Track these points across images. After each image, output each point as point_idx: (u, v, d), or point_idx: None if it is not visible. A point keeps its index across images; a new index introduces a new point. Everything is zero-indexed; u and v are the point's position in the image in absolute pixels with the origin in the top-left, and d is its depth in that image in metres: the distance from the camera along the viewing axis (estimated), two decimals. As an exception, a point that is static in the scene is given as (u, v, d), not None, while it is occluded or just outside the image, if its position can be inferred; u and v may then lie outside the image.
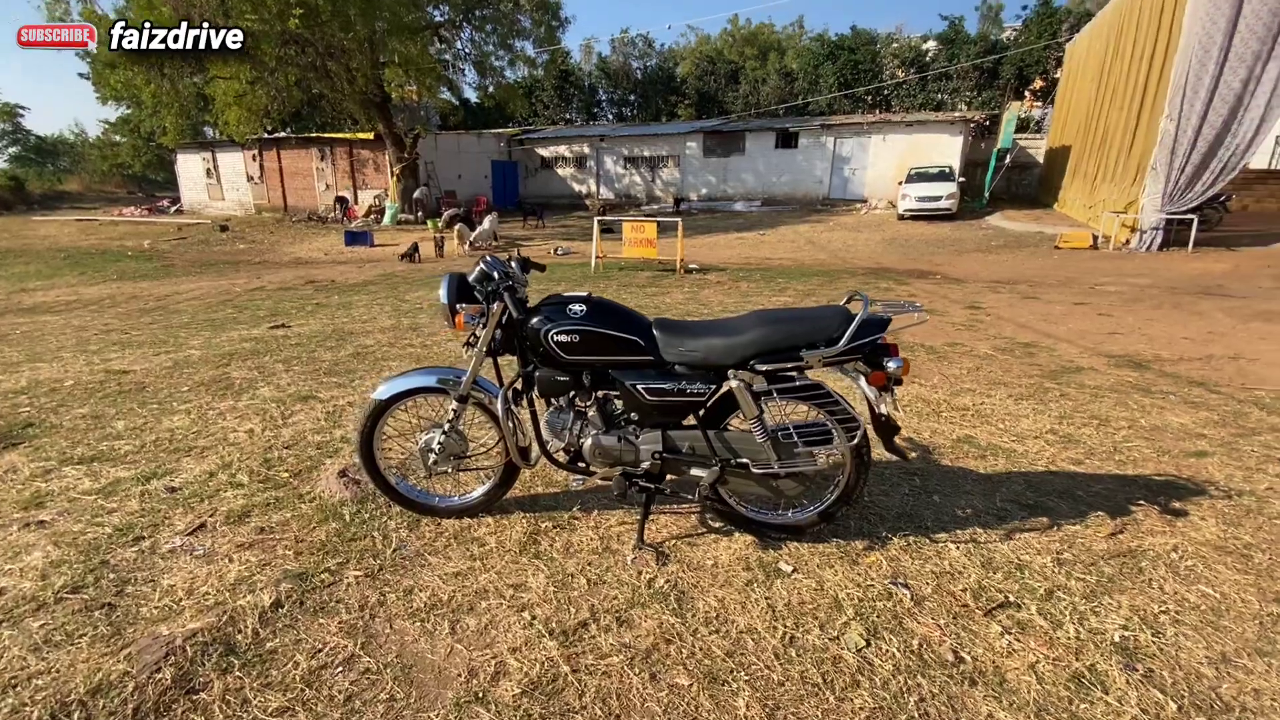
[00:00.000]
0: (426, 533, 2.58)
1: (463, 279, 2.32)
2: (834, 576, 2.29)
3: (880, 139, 23.07)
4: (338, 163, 25.40)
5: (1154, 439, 3.59)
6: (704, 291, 9.03)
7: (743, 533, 2.55)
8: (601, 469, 2.41)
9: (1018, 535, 2.57)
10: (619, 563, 2.37)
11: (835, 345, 2.11)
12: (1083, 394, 4.39)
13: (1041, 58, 25.17)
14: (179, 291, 10.75)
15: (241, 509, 2.78)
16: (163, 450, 3.53)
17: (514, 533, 2.56)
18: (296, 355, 5.56)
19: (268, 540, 2.53)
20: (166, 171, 36.27)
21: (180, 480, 3.12)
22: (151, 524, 2.69)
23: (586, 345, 2.23)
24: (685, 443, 2.34)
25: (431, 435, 2.53)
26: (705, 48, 36.35)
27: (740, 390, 2.20)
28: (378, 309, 8.03)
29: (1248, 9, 11.24)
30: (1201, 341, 5.93)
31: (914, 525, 2.64)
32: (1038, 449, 3.43)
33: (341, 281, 11.23)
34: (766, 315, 2.23)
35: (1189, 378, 4.80)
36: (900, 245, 15.06)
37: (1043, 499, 2.87)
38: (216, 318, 7.97)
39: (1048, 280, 9.90)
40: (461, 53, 22.29)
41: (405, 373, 2.56)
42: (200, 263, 15.36)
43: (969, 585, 2.25)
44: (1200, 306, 7.65)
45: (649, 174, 27.00)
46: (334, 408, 4.15)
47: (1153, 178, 12.69)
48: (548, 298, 2.35)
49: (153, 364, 5.40)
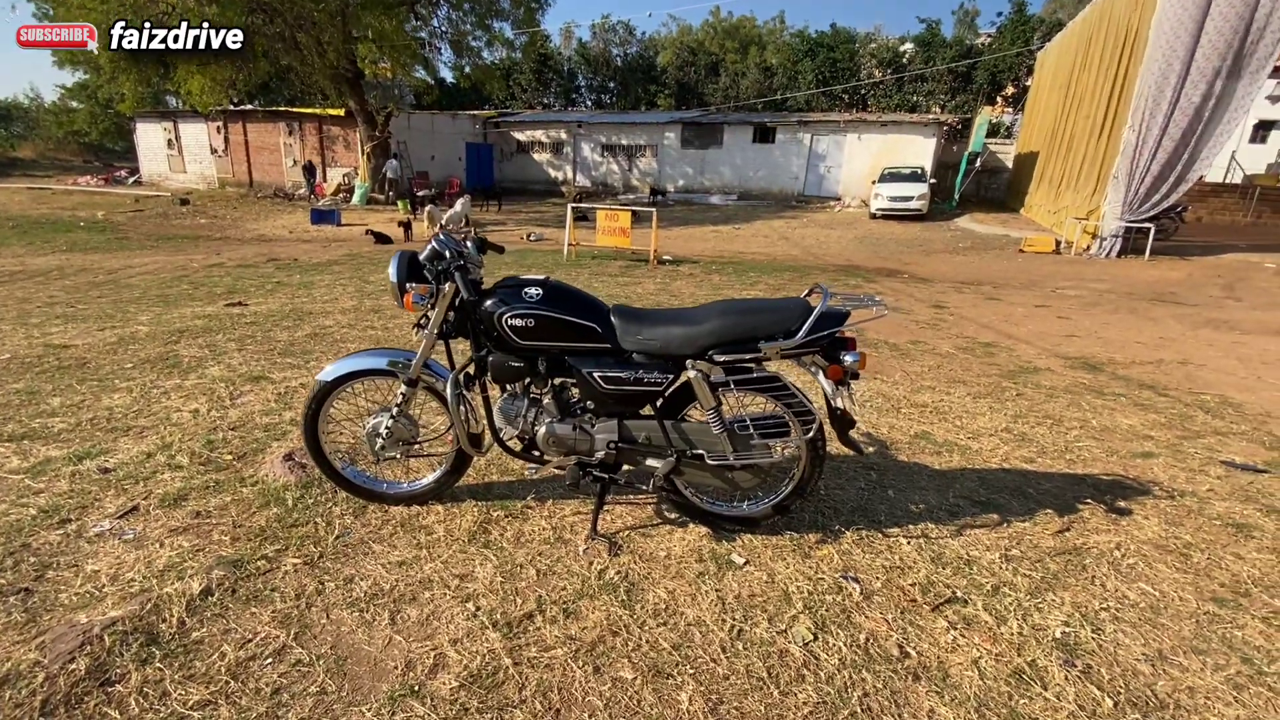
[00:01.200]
0: (373, 520, 2.50)
1: (414, 257, 2.23)
2: (785, 569, 2.28)
3: (856, 138, 23.25)
4: (306, 138, 24.64)
5: (1104, 439, 3.68)
6: (676, 283, 8.99)
7: (697, 524, 2.52)
8: (556, 458, 2.36)
9: (968, 531, 2.60)
10: (570, 553, 2.33)
11: (793, 337, 2.09)
12: (1038, 394, 4.48)
13: (1014, 64, 25.64)
14: (132, 265, 10.31)
15: (178, 492, 2.66)
16: (99, 429, 3.37)
17: (464, 521, 2.50)
18: (251, 334, 5.36)
19: (203, 525, 2.42)
20: (125, 141, 34.81)
21: (115, 461, 2.97)
22: (80, 506, 2.56)
23: (542, 330, 2.17)
24: (641, 433, 2.30)
25: (380, 419, 2.44)
26: (686, 38, 36.14)
27: (698, 381, 2.17)
28: (340, 289, 7.81)
29: (1210, 26, 11.56)
30: (1153, 346, 6.11)
31: (868, 519, 2.65)
32: (992, 446, 3.48)
33: (305, 260, 10.91)
34: (727, 306, 2.19)
35: (1140, 381, 4.93)
36: (871, 244, 15.23)
37: (994, 496, 2.91)
38: (170, 293, 7.66)
39: (1011, 283, 10.11)
40: (438, 30, 21.76)
41: (353, 354, 2.47)
42: (157, 236, 14.76)
43: (918, 580, 2.26)
44: (1154, 313, 7.89)
45: (626, 163, 26.81)
46: (286, 389, 4.01)
47: (1114, 186, 13.04)
48: (504, 280, 2.28)
49: (96, 339, 5.16)
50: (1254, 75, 11.51)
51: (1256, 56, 11.39)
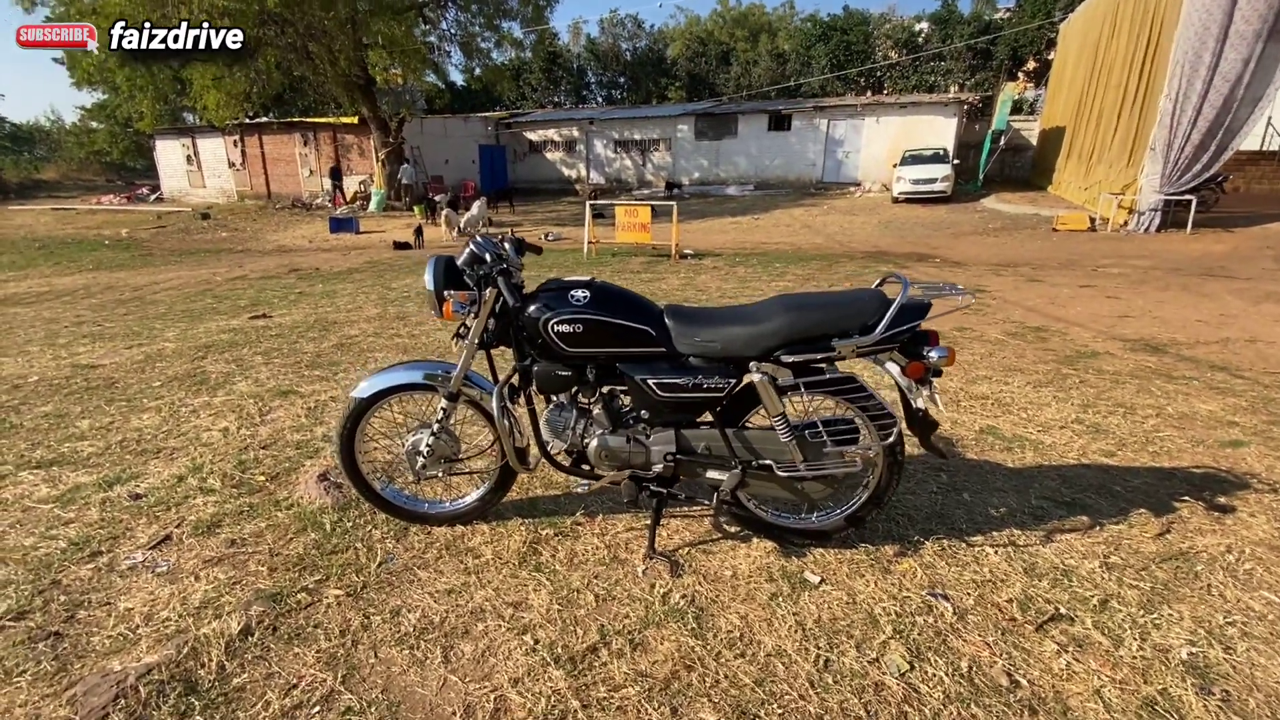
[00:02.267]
0: (415, 543, 2.35)
1: (450, 262, 2.06)
2: (866, 588, 2.08)
3: (874, 121, 22.75)
4: (321, 148, 24.76)
5: (1185, 428, 3.41)
6: (700, 277, 8.78)
7: (762, 539, 2.33)
8: (608, 472, 2.18)
9: (1059, 537, 2.37)
10: (629, 575, 2.15)
11: (871, 333, 1.89)
12: (1103, 380, 4.21)
13: (1035, 38, 24.87)
14: (157, 281, 10.37)
15: (211, 518, 2.54)
16: (129, 452, 3.27)
17: (512, 542, 2.33)
18: (277, 347, 5.27)
19: (239, 555, 2.29)
20: (146, 159, 35.31)
21: (146, 486, 2.87)
22: (111, 536, 2.44)
23: (591, 336, 1.99)
24: (701, 443, 2.12)
25: (419, 436, 2.29)
26: (695, 29, 35.68)
27: (764, 385, 1.97)
28: (363, 297, 7.73)
29: (1249, -15, 11.02)
30: (1215, 324, 5.77)
31: (947, 527, 2.43)
32: (1066, 440, 3.23)
33: (326, 269, 10.88)
34: (792, 301, 2.00)
35: (1209, 362, 4.63)
36: (897, 228, 14.84)
37: (1080, 495, 2.68)
38: (194, 308, 7.64)
39: (1049, 263, 9.73)
40: (447, 34, 21.70)
41: (389, 368, 2.31)
42: (180, 251, 14.90)
43: (1014, 595, 2.05)
44: (1207, 288, 7.50)
45: (640, 158, 26.57)
46: (315, 403, 3.89)
47: (1151, 158, 12.51)
48: (547, 283, 2.11)
49: (123, 358, 5.11)
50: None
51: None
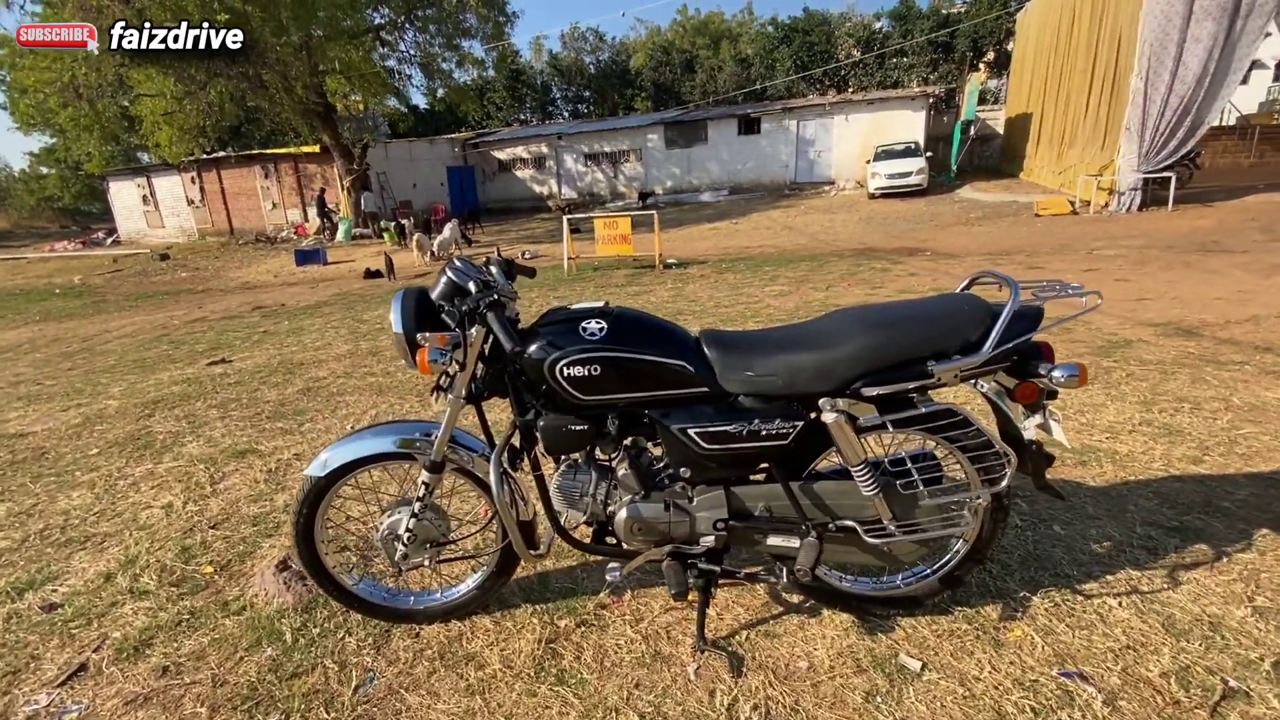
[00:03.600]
0: (400, 652, 1.85)
1: (423, 296, 1.59)
2: (979, 671, 1.64)
3: (843, 119, 22.71)
4: (283, 179, 24.04)
5: (1262, 421, 3.05)
6: (689, 287, 8.37)
7: (836, 611, 1.88)
8: (643, 549, 1.71)
9: (1185, 576, 1.96)
10: (679, 679, 1.68)
11: (977, 351, 1.46)
12: (1149, 371, 3.85)
13: (994, 29, 25.14)
14: (109, 330, 9.67)
15: (141, 634, 2.02)
16: (50, 544, 2.73)
17: (524, 641, 1.85)
18: (235, 397, 4.72)
19: (171, 689, 1.77)
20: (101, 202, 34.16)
21: (65, 591, 2.33)
22: (9, 670, 1.92)
23: (611, 378, 1.54)
24: (758, 503, 1.66)
25: (397, 517, 1.80)
26: (657, 39, 35.59)
27: (840, 426, 1.53)
28: (332, 333, 7.17)
29: (1210, -37, 11.03)
30: (1236, 301, 5.48)
31: (1050, 573, 2.01)
32: (1142, 447, 2.84)
33: (292, 305, 10.27)
34: (870, 316, 1.56)
35: (1250, 343, 4.31)
36: (879, 224, 14.62)
37: (1186, 518, 2.27)
38: (148, 356, 7.02)
39: (1041, 249, 9.50)
40: (406, 56, 21.21)
41: (353, 434, 1.82)
42: (136, 295, 14.12)
43: (1166, 667, 1.62)
44: (1211, 264, 7.28)
45: (611, 170, 26.24)
46: (277, 463, 3.37)
47: (1127, 138, 12.45)
48: (549, 313, 1.65)
49: (58, 422, 4.52)
50: (1259, 11, 10.94)
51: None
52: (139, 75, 15.17)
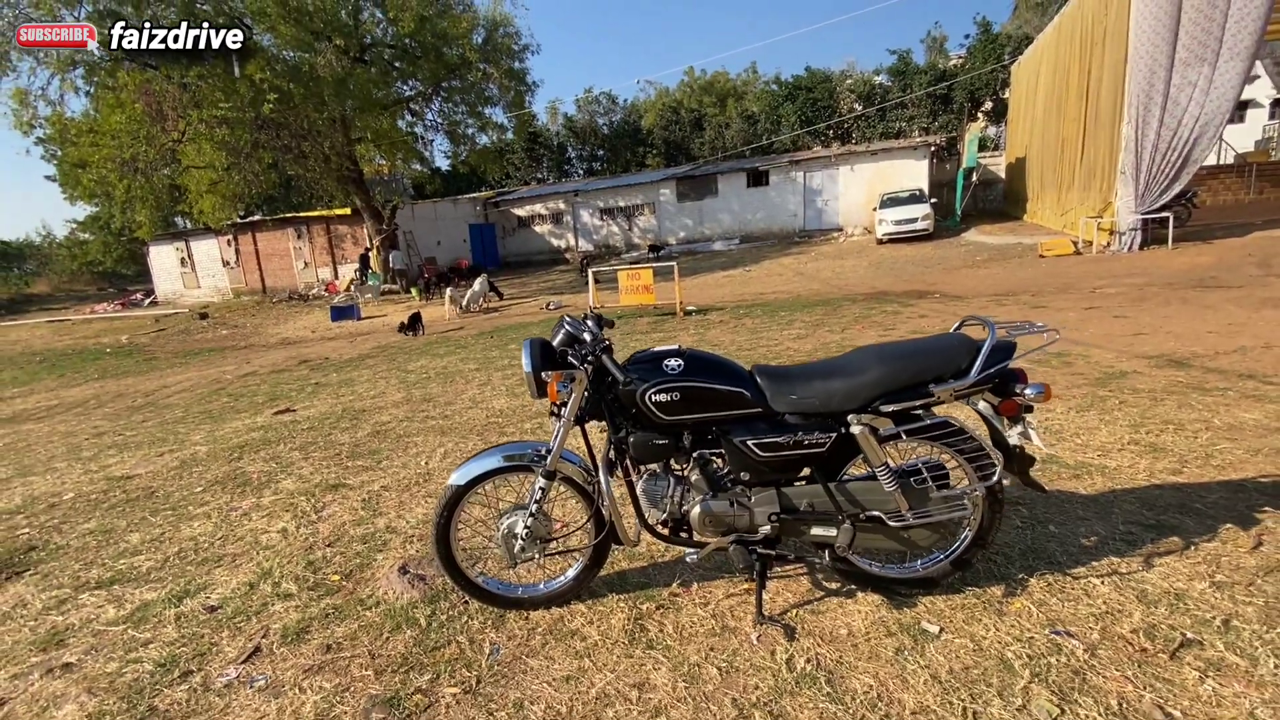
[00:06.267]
0: (515, 631, 2.30)
1: (545, 344, 2.12)
2: (987, 633, 2.05)
3: (848, 169, 23.69)
4: (315, 240, 25.33)
5: (1237, 438, 3.45)
6: (710, 332, 8.91)
7: (867, 592, 2.31)
8: (712, 538, 2.17)
9: (1158, 561, 2.37)
10: (745, 644, 2.11)
11: (966, 377, 1.94)
12: (1140, 399, 4.26)
13: (990, 80, 26.35)
14: (167, 385, 10.36)
15: (298, 624, 2.48)
16: (189, 563, 3.21)
17: (615, 620, 2.29)
18: (312, 440, 5.25)
19: (338, 660, 2.23)
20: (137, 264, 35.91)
21: (218, 597, 2.80)
22: (197, 654, 2.38)
23: (689, 403, 2.03)
24: (803, 500, 2.13)
25: (514, 519, 2.28)
26: (666, 99, 37.47)
27: (864, 436, 2.01)
28: (383, 383, 7.75)
29: (1185, 18, 11.84)
30: (1226, 334, 5.89)
31: (1045, 562, 2.42)
32: (1130, 462, 3.26)
33: (335, 358, 10.94)
34: (884, 351, 2.06)
35: (1235, 371, 4.71)
36: (888, 268, 15.21)
37: (1163, 517, 2.68)
38: (213, 408, 7.62)
39: (1046, 289, 9.97)
40: (433, 123, 22.66)
41: (481, 452, 2.32)
42: (184, 352, 14.94)
43: (1136, 625, 2.03)
44: (1207, 300, 7.70)
45: (626, 223, 27.34)
46: (368, 494, 3.86)
47: (1123, 181, 13.06)
48: (637, 355, 2.16)
49: (157, 465, 5.06)
50: (1235, 58, 11.63)
51: (1228, 42, 11.55)
52: (190, 150, 16.39)
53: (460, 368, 8.15)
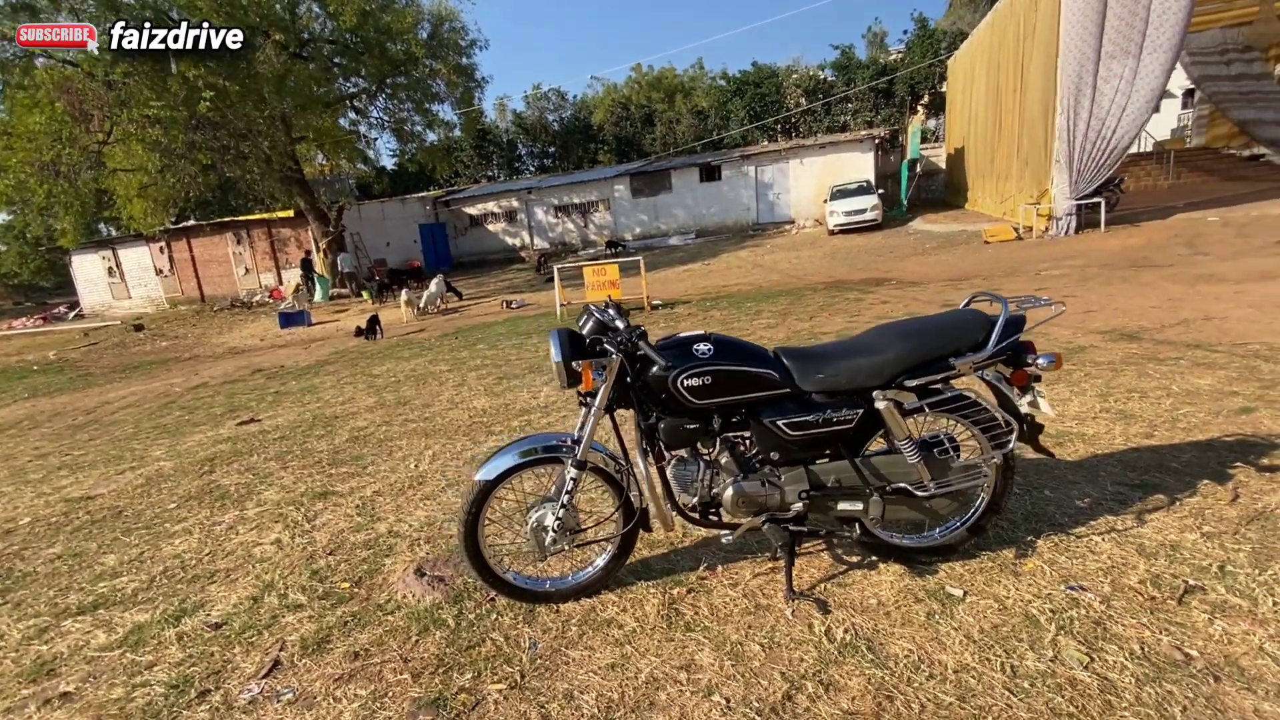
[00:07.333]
0: (549, 624, 2.28)
1: (573, 334, 2.11)
2: (1009, 593, 2.16)
3: (798, 163, 24.18)
4: (256, 244, 24.25)
5: (1196, 403, 3.71)
6: (680, 325, 8.98)
7: (889, 563, 2.39)
8: (745, 519, 2.21)
9: (1150, 517, 2.53)
10: (781, 620, 2.15)
11: (984, 349, 2.03)
12: (1102, 370, 4.53)
13: (929, 74, 27.33)
14: (109, 401, 9.76)
15: (316, 634, 2.39)
16: (179, 581, 3.05)
17: (648, 607, 2.30)
18: (287, 450, 5.05)
19: (368, 666, 2.16)
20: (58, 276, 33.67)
21: (220, 613, 2.68)
22: (211, 672, 2.27)
23: (720, 386, 2.06)
24: (830, 476, 2.18)
25: (543, 511, 2.26)
26: (615, 95, 37.41)
27: (890, 410, 2.08)
28: (350, 389, 7.51)
29: (1111, 14, 12.57)
30: (1168, 309, 6.31)
31: (1047, 523, 2.56)
32: (1105, 429, 3.46)
33: (292, 366, 10.52)
34: (904, 328, 2.13)
35: (1183, 342, 5.05)
36: (843, 258, 15.63)
37: (1146, 477, 2.87)
38: (167, 422, 7.23)
39: (995, 272, 10.44)
40: (377, 121, 21.99)
41: (506, 446, 2.29)
42: (121, 367, 14.09)
43: (1142, 576, 2.17)
44: (1144, 278, 8.21)
45: (581, 220, 27.20)
46: (361, 500, 3.74)
47: (1058, 169, 13.78)
48: (664, 340, 2.17)
49: (119, 484, 4.78)
50: (1158, 51, 12.42)
51: (1150, 35, 12.32)
52: (118, 151, 15.45)
53: (431, 369, 7.97)
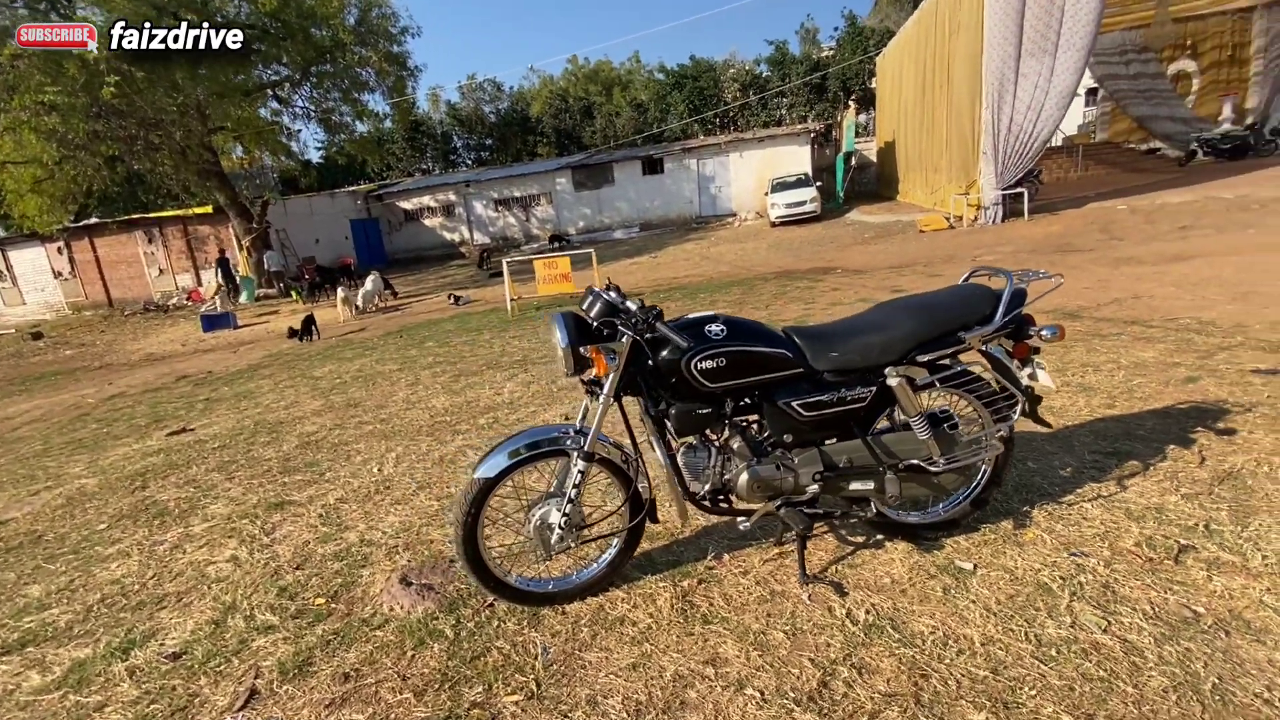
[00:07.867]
0: (556, 626, 2.15)
1: (578, 318, 1.98)
2: (1015, 563, 2.18)
3: (738, 156, 24.51)
4: (171, 243, 22.55)
5: (1146, 374, 3.91)
6: (637, 317, 8.88)
7: (894, 540, 2.38)
8: (759, 504, 2.14)
9: (1130, 482, 2.63)
10: (799, 605, 2.10)
11: (991, 323, 2.04)
12: (1053, 347, 4.72)
13: (859, 70, 28.22)
14: (8, 416, 8.82)
15: (295, 657, 2.17)
16: (121, 610, 2.74)
17: (660, 602, 2.20)
18: (230, 459, 4.67)
19: (362, 688, 1.98)
20: (-64, 282, 30.26)
21: (177, 642, 2.41)
22: (176, 708, 2.03)
23: (735, 368, 1.98)
24: (843, 456, 2.14)
25: (546, 508, 2.12)
26: (552, 87, 36.85)
27: (902, 387, 2.05)
28: (291, 392, 7.04)
29: (1029, 13, 13.27)
30: (1099, 289, 6.70)
31: (1036, 493, 2.62)
32: (1069, 402, 3.60)
33: (222, 371, 9.81)
34: (912, 304, 2.11)
35: (1119, 319, 5.36)
36: (787, 249, 15.93)
37: (1117, 445, 2.98)
38: (82, 437, 6.58)
39: (934, 259, 10.86)
40: (302, 110, 20.80)
41: (505, 441, 2.13)
42: (19, 379, 12.78)
43: (1136, 539, 2.24)
44: (1070, 261, 8.72)
45: (523, 214, 26.68)
46: (324, 509, 3.47)
47: (985, 160, 14.47)
48: (672, 322, 2.07)
49: (35, 506, 4.29)
50: (1072, 49, 13.21)
51: (1064, 35, 13.09)
52: (8, 142, 14.00)
53: (379, 369, 7.58)
